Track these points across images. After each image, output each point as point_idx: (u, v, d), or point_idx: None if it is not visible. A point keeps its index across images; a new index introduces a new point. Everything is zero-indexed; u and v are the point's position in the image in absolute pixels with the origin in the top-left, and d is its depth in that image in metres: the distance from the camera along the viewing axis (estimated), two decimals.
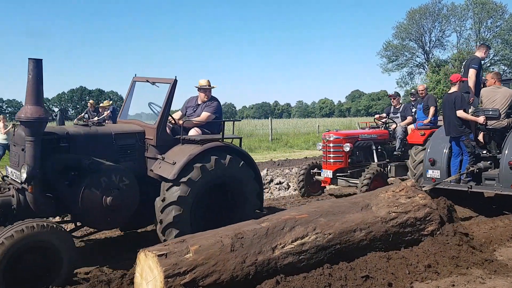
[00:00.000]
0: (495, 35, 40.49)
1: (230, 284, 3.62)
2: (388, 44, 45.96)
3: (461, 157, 6.99)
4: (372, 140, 8.74)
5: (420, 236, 4.82)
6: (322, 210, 4.57)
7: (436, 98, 9.09)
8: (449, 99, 7.03)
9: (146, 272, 3.58)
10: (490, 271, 4.31)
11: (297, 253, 4.01)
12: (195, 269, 3.50)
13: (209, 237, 3.85)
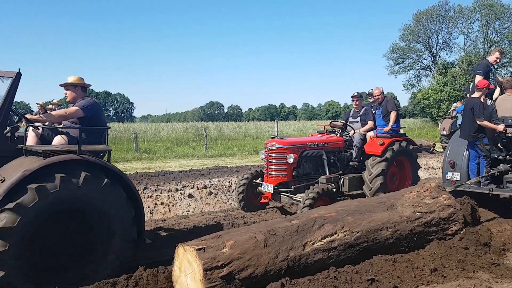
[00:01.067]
0: (502, 37, 40.25)
1: (263, 278, 3.79)
2: (395, 46, 45.86)
3: (478, 160, 7.18)
4: (323, 148, 7.50)
5: (444, 236, 4.99)
6: (349, 209, 4.77)
7: (395, 101, 8.00)
8: (469, 103, 7.15)
9: (184, 266, 3.78)
10: (497, 275, 4.29)
11: (327, 250, 4.19)
12: (232, 263, 3.67)
13: (243, 233, 4.03)
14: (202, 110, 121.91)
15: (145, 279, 3.99)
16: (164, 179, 10.51)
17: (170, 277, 4.03)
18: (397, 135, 7.86)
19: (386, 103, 8.09)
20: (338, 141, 7.85)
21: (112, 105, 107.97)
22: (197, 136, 22.81)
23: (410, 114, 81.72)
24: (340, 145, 7.84)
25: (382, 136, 7.68)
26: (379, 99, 8.21)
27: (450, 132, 19.42)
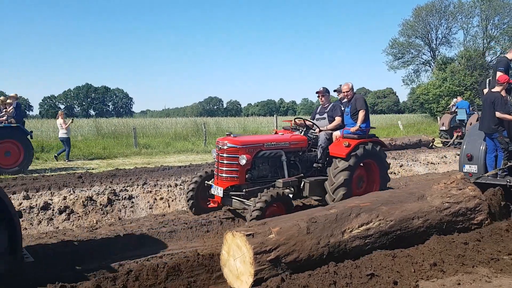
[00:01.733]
0: (502, 32, 40.07)
1: (307, 263, 4.07)
2: (394, 41, 45.70)
3: (495, 153, 7.30)
4: (282, 148, 6.77)
5: (470, 225, 5.34)
6: (383, 199, 5.08)
7: (365, 99, 7.39)
8: (490, 97, 7.28)
9: (233, 250, 4.06)
10: (496, 270, 4.30)
11: (363, 237, 4.49)
12: (278, 248, 3.96)
13: (287, 220, 4.34)
14: (201, 105, 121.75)
15: (145, 274, 4.00)
16: (163, 174, 10.51)
17: (171, 272, 4.05)
18: (365, 136, 7.18)
19: (356, 101, 7.35)
20: (300, 140, 7.12)
21: (111, 100, 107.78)
22: (196, 132, 22.79)
23: (409, 110, 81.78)
24: (303, 144, 7.12)
25: (349, 137, 6.99)
26: (348, 95, 7.49)
27: (449, 127, 19.46)
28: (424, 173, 12.18)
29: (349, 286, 3.76)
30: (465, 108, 19.18)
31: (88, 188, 8.21)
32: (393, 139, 18.70)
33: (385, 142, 17.68)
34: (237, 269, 3.99)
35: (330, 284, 3.74)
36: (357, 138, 6.99)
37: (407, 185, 9.74)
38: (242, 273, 3.94)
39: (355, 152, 6.78)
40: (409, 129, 30.57)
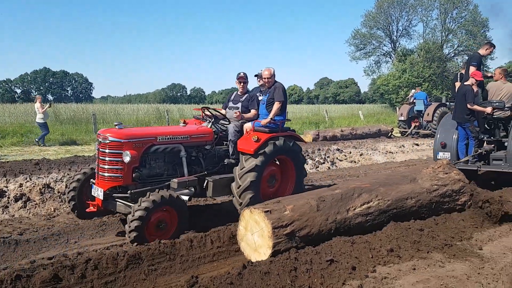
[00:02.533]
0: (459, 26, 41.34)
1: (317, 237, 4.49)
2: (357, 32, 46.30)
3: (466, 141, 8.01)
4: (182, 142, 5.88)
5: (455, 205, 5.91)
6: (380, 181, 5.54)
7: (285, 89, 6.66)
8: (462, 90, 7.97)
9: (251, 225, 4.43)
10: (449, 255, 4.48)
11: (365, 215, 4.93)
12: (293, 223, 4.36)
13: (298, 199, 4.76)
14: (164, 92, 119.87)
15: (104, 262, 3.94)
16: None
17: (131, 261, 4.01)
18: (278, 130, 6.37)
19: (274, 90, 6.56)
20: (204, 133, 6.24)
21: (70, 85, 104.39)
22: (158, 119, 22.48)
23: (370, 100, 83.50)
24: (208, 138, 6.26)
25: (260, 130, 6.18)
26: (269, 83, 6.67)
27: (407, 117, 20.04)
28: (383, 162, 12.51)
29: (309, 272, 3.83)
30: (423, 99, 19.80)
31: (45, 175, 7.95)
32: (354, 128, 19.08)
33: (346, 131, 18.22)
34: (254, 243, 4.38)
35: (291, 270, 3.80)
36: (268, 132, 6.17)
37: (366, 174, 9.99)
38: (260, 246, 4.32)
39: (264, 149, 5.96)
40: (369, 119, 31.27)
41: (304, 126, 25.36)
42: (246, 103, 6.73)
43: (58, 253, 4.78)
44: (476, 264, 4.28)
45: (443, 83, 39.82)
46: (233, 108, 6.77)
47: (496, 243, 5.00)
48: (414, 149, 14.88)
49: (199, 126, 6.44)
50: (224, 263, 4.52)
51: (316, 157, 11.74)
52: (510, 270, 4.18)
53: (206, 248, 4.60)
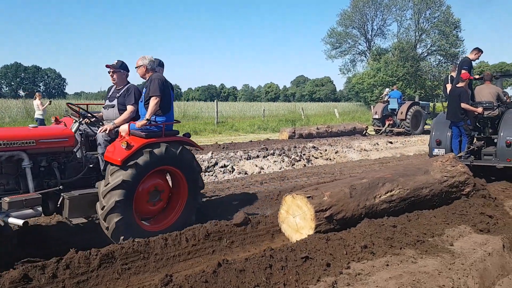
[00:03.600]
0: (432, 26, 42.13)
1: (350, 220, 4.98)
2: (332, 31, 46.74)
3: (459, 138, 8.85)
4: (24, 149, 4.57)
5: (461, 195, 6.42)
6: (399, 172, 6.06)
7: (165, 82, 5.29)
8: (456, 91, 8.85)
9: (293, 209, 4.94)
10: (421, 251, 4.56)
11: (388, 202, 5.46)
12: (331, 208, 4.85)
13: (334, 187, 5.24)
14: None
15: (76, 261, 3.86)
16: None
17: (104, 260, 3.94)
18: (160, 134, 5.08)
19: (150, 83, 5.22)
20: (59, 136, 4.92)
21: (42, 81, 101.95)
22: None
23: (345, 98, 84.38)
24: (67, 143, 4.94)
25: (136, 135, 4.93)
26: (142, 73, 5.41)
27: (381, 116, 20.34)
28: (357, 160, 12.66)
29: (284, 269, 3.84)
30: (397, 98, 20.13)
31: None
32: (330, 126, 19.25)
33: (322, 129, 18.36)
34: (296, 225, 4.90)
35: (266, 268, 3.80)
36: (144, 136, 4.89)
37: (341, 171, 10.09)
38: (302, 227, 4.83)
39: (136, 160, 4.72)
40: (344, 117, 31.64)
41: (280, 123, 25.47)
42: (122, 100, 5.46)
43: (27, 252, 4.65)
44: (447, 260, 4.37)
45: (416, 82, 40.61)
46: (108, 107, 5.57)
47: (467, 239, 5.11)
48: (388, 147, 15.11)
49: (55, 128, 5.22)
50: (200, 261, 4.50)
51: (292, 154, 11.80)
52: (480, 265, 4.29)
53: (181, 246, 4.55)
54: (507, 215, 5.99)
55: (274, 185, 8.33)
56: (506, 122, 8.58)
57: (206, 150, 12.12)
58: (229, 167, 9.93)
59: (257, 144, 14.28)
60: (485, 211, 5.86)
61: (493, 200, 6.40)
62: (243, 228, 5.09)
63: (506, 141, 8.27)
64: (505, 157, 8.29)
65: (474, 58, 9.53)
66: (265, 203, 6.69)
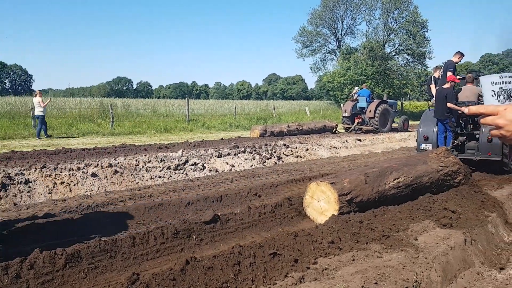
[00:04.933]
0: (400, 26, 42.91)
1: (366, 203, 5.67)
2: (303, 29, 47.02)
3: (445, 134, 9.88)
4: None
5: (453, 183, 7.16)
6: (403, 162, 6.74)
7: None
8: (443, 92, 9.83)
9: (317, 194, 5.61)
10: (387, 246, 4.67)
11: (396, 188, 6.15)
12: (351, 192, 5.51)
13: (351, 174, 5.91)
14: (109, 86, 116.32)
15: (41, 261, 3.78)
16: (65, 157, 9.94)
17: (70, 259, 3.88)
18: None
19: None
20: None
21: (8, 77, 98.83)
22: (102, 113, 21.83)
23: (316, 96, 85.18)
24: None
25: None
26: None
27: (351, 114, 20.65)
28: (327, 157, 12.82)
29: (252, 265, 3.87)
30: (366, 96, 20.47)
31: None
32: (300, 124, 19.41)
33: (292, 126, 18.50)
34: (321, 208, 5.57)
35: (234, 265, 3.82)
36: None
37: (311, 168, 10.21)
38: (326, 210, 5.49)
39: None
40: (315, 115, 31.95)
41: (252, 121, 25.52)
42: None
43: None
44: (411, 254, 4.49)
45: (384, 81, 41.34)
46: None
47: (430, 234, 5.26)
48: (357, 144, 15.36)
49: None
50: (168, 259, 4.47)
51: (263, 152, 11.85)
52: (442, 259, 4.43)
53: (149, 244, 4.52)
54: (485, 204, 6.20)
55: (244, 182, 8.34)
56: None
57: (177, 148, 12.03)
58: (199, 165, 9.89)
59: (228, 142, 14.27)
60: (448, 206, 6.05)
61: (478, 188, 7.14)
62: (212, 225, 5.09)
63: (488, 137, 9.26)
64: (486, 151, 9.32)
65: (457, 61, 10.41)
66: (235, 201, 6.70)
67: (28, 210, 6.29)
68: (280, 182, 7.81)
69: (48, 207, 6.39)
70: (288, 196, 6.24)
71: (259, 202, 6.37)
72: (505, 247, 5.53)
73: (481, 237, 5.33)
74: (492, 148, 9.31)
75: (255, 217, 5.48)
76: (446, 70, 10.28)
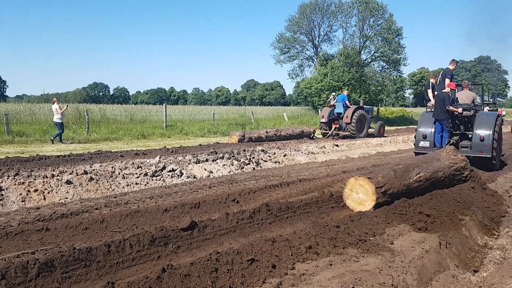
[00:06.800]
0: (376, 33, 43.58)
1: (395, 195, 6.45)
2: (281, 36, 47.31)
3: (441, 133, 11.07)
4: None
5: (462, 177, 7.96)
6: (421, 160, 7.58)
7: None
8: (442, 96, 11.05)
9: (356, 188, 6.38)
10: (363, 250, 4.72)
11: (418, 181, 6.94)
12: (384, 185, 6.28)
13: (383, 170, 6.75)
14: (85, 91, 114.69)
15: (13, 271, 3.68)
16: (39, 164, 9.74)
17: (43, 269, 3.79)
18: None
19: None
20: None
21: None
22: (78, 119, 21.48)
23: (294, 102, 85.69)
24: None
25: None
26: None
27: (328, 119, 20.84)
28: (305, 162, 12.89)
29: (230, 272, 3.85)
30: (342, 102, 20.70)
31: None
32: (279, 130, 19.48)
33: (271, 132, 18.56)
34: (359, 199, 6.34)
35: (212, 272, 3.80)
36: None
37: (289, 174, 10.24)
38: (364, 201, 6.27)
39: None
40: (293, 121, 32.14)
41: (230, 127, 25.49)
42: None
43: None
44: (387, 258, 4.55)
45: (361, 87, 41.91)
46: None
47: (406, 237, 5.34)
48: (334, 149, 15.49)
49: None
50: (144, 267, 4.40)
51: (242, 158, 11.84)
52: (418, 262, 4.49)
53: (125, 253, 4.45)
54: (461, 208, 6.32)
55: (222, 188, 8.31)
56: (479, 121, 10.89)
57: (154, 154, 11.92)
58: (177, 171, 9.82)
59: (206, 148, 14.21)
60: (423, 210, 6.15)
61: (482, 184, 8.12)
62: (190, 232, 5.04)
63: (480, 137, 10.58)
64: (479, 149, 10.59)
65: (453, 68, 11.76)
66: (213, 207, 6.67)
67: (0, 218, 6.12)
68: (258, 188, 7.80)
69: (21, 216, 6.24)
70: (266, 202, 6.23)
71: (237, 208, 6.35)
72: (478, 249, 5.64)
73: (455, 240, 5.44)
74: (484, 146, 10.52)
75: (233, 223, 5.46)
76: (444, 77, 11.53)
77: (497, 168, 11.20)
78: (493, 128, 10.69)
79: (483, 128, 10.72)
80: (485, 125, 10.76)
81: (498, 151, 11.14)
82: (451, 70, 11.67)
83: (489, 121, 10.84)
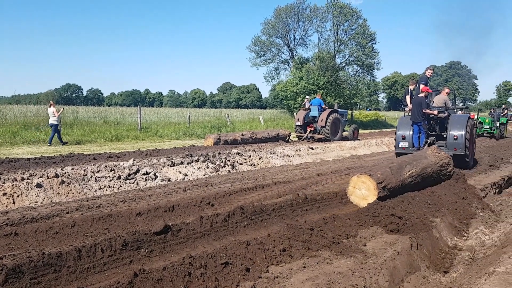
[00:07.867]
0: (350, 38, 44.14)
1: (393, 190, 7.02)
2: (257, 39, 47.38)
3: (419, 134, 12.08)
4: None
5: (446, 172, 8.79)
6: (411, 158, 8.24)
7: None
8: (418, 100, 12.10)
9: (358, 184, 7.02)
10: (336, 252, 4.76)
11: (411, 177, 7.60)
12: (384, 181, 6.90)
13: (380, 168, 7.37)
14: (58, 93, 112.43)
15: None
16: (8, 167, 9.49)
17: (10, 275, 3.68)
18: None
19: None
20: None
21: None
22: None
23: (270, 105, 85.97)
24: None
25: None
26: None
27: (303, 123, 20.98)
28: (280, 165, 12.94)
29: (203, 276, 3.83)
30: (317, 106, 20.89)
31: None
32: (254, 132, 19.49)
33: (246, 135, 18.57)
34: (362, 194, 6.96)
35: (185, 276, 3.77)
36: None
37: (264, 177, 10.26)
38: (367, 196, 6.90)
39: None
40: (269, 124, 32.23)
41: (206, 130, 25.38)
42: None
43: None
44: (360, 260, 4.60)
45: (335, 91, 42.38)
46: None
47: (378, 239, 5.42)
48: (309, 152, 15.60)
49: None
50: (116, 272, 4.33)
51: (217, 160, 11.80)
52: (390, 264, 4.56)
53: (96, 257, 4.37)
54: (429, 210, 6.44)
55: (197, 191, 8.26)
56: (452, 122, 11.93)
57: (128, 157, 11.77)
58: (151, 174, 9.71)
59: (181, 151, 14.10)
60: (395, 212, 6.26)
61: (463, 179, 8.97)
62: (163, 236, 4.99)
63: (454, 136, 11.64)
64: (453, 147, 11.61)
65: (429, 75, 12.83)
66: (187, 210, 6.62)
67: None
68: (233, 191, 7.79)
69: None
70: (241, 205, 6.22)
71: (212, 211, 6.33)
72: (448, 251, 5.78)
73: (426, 242, 5.55)
74: (458, 145, 11.61)
75: (207, 226, 5.43)
76: (420, 83, 12.59)
77: (470, 166, 12.20)
78: (465, 129, 11.66)
79: (456, 129, 11.72)
80: (458, 126, 11.75)
81: (470, 150, 12.14)
82: (426, 77, 12.75)
83: (461, 122, 11.84)
